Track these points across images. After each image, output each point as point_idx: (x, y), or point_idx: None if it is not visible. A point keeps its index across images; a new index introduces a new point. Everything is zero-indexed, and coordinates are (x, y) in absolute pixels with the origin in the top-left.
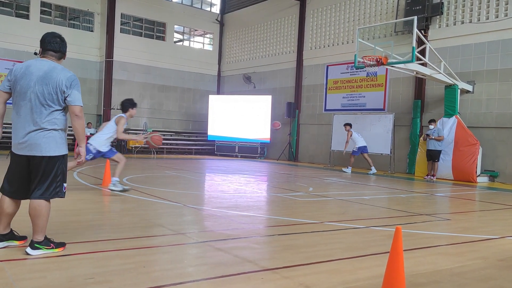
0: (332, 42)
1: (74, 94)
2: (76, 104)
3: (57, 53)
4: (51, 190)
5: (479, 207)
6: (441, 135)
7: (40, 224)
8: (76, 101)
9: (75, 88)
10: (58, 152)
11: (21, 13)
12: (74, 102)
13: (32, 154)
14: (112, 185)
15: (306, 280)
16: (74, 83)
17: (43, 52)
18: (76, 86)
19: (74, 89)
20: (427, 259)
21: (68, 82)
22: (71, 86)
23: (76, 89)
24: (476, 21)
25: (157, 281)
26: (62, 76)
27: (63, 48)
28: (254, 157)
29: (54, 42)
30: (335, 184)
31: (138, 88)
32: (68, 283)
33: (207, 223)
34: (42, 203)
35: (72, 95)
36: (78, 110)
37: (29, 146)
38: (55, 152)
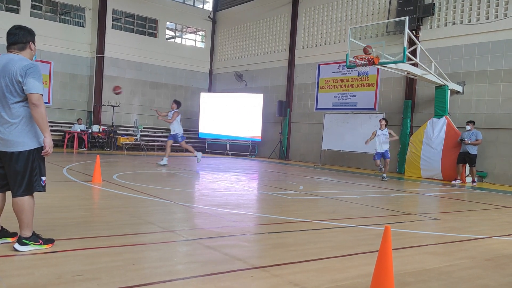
0: (324, 41)
1: (29, 82)
2: (32, 92)
3: (16, 45)
4: (29, 186)
5: (468, 207)
6: (479, 138)
7: (25, 219)
8: (32, 89)
9: (30, 76)
10: (28, 146)
11: (11, 7)
12: (30, 90)
13: (3, 150)
14: None
15: (296, 278)
16: (30, 71)
17: (7, 48)
18: (32, 74)
19: (29, 77)
20: (415, 258)
21: (23, 71)
22: (26, 74)
23: (32, 77)
24: (467, 22)
25: (146, 278)
26: (17, 66)
27: (20, 38)
28: (245, 155)
29: (11, 35)
30: (326, 183)
31: (129, 84)
32: (56, 280)
33: (197, 221)
34: (23, 198)
35: (27, 84)
36: (35, 98)
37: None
38: (25, 147)
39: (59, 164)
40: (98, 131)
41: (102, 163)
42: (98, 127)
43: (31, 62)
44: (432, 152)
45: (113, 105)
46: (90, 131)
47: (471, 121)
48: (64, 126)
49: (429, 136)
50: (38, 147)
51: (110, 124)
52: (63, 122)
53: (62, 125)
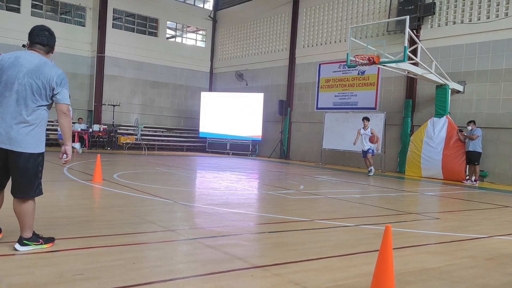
0: (324, 41)
1: (63, 92)
2: (65, 102)
3: (45, 47)
4: (34, 188)
5: (468, 206)
6: (476, 133)
7: (27, 221)
8: (65, 99)
9: (65, 86)
10: (38, 149)
11: (12, 6)
12: (63, 100)
13: (12, 149)
14: None
15: (296, 278)
16: (64, 81)
17: (31, 45)
18: (65, 84)
19: (64, 87)
20: (416, 257)
21: (59, 80)
22: (61, 83)
23: (66, 87)
24: (467, 21)
25: (146, 277)
26: (54, 73)
27: (51, 41)
28: (246, 155)
29: (42, 35)
30: (326, 182)
31: (129, 84)
32: (57, 279)
33: (198, 220)
34: (26, 201)
35: (61, 93)
36: (66, 109)
37: (10, 140)
38: (35, 149)
39: (60, 164)
40: (98, 130)
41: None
42: (99, 127)
43: (63, 72)
44: (432, 152)
45: (113, 104)
46: (91, 130)
47: (471, 121)
48: None
49: (430, 135)
50: (43, 152)
51: (110, 123)
52: None
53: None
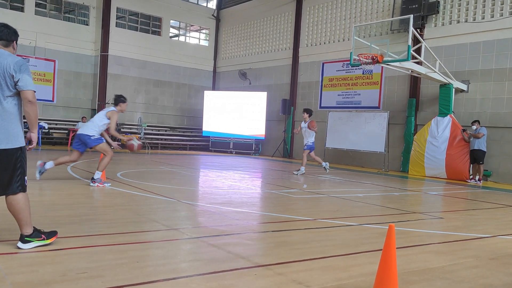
0: (328, 40)
1: (25, 79)
2: (29, 88)
3: (1, 41)
4: (11, 186)
5: (472, 206)
6: (481, 132)
7: (22, 217)
8: (28, 86)
9: (25, 72)
10: (13, 144)
11: (16, 5)
12: (26, 86)
13: None
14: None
15: (299, 277)
16: (24, 67)
17: None
18: (25, 70)
19: (24, 73)
20: (419, 257)
21: (17, 66)
22: (20, 70)
23: (27, 73)
24: (471, 20)
25: (150, 276)
26: (10, 60)
27: (8, 36)
28: (249, 154)
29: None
30: (329, 182)
31: (133, 82)
32: (60, 277)
33: (201, 219)
34: (16, 198)
35: (23, 80)
36: (31, 95)
37: None
38: (9, 145)
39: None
40: None
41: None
42: None
43: (21, 59)
44: (436, 151)
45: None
46: None
47: (476, 121)
48: (68, 124)
49: (434, 134)
50: (23, 146)
51: None
52: (67, 120)
53: (66, 123)
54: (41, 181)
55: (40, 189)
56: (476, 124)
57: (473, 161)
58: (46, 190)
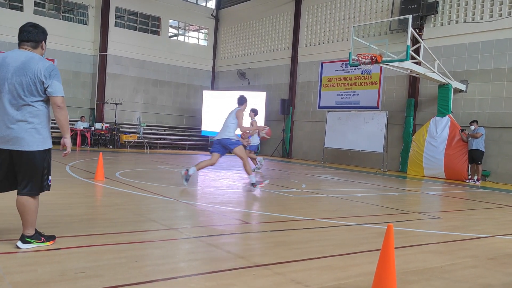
0: (327, 40)
1: (54, 85)
2: (58, 94)
3: (29, 42)
4: (38, 185)
5: (470, 206)
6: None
7: (29, 219)
8: (57, 92)
9: (55, 78)
10: (42, 146)
11: (14, 4)
12: (55, 92)
13: (16, 149)
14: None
15: (298, 276)
16: (54, 72)
17: (19, 43)
18: (56, 76)
19: (54, 79)
20: (418, 257)
21: (47, 72)
22: (50, 76)
23: (56, 79)
24: (470, 20)
25: (148, 276)
26: (41, 66)
27: (38, 37)
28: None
29: (26, 31)
30: (328, 181)
31: (132, 82)
32: (59, 277)
33: (200, 218)
34: (29, 199)
35: (52, 86)
36: (60, 101)
37: (12, 140)
38: (39, 147)
39: (62, 162)
40: (101, 128)
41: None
42: (101, 125)
43: (52, 63)
44: (435, 151)
45: (116, 102)
46: (93, 128)
47: (474, 121)
48: None
49: (432, 134)
50: (49, 148)
51: (113, 121)
52: None
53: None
54: None
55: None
56: (475, 124)
57: (471, 161)
58: None
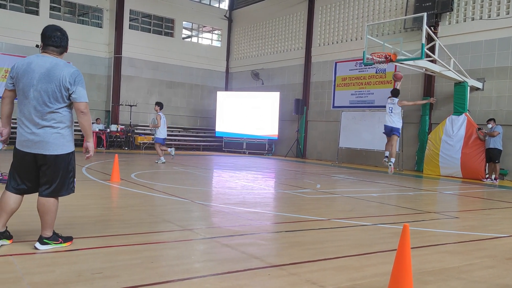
0: (340, 39)
1: (79, 91)
2: (82, 100)
3: (58, 48)
4: (64, 188)
5: (488, 205)
6: (496, 130)
7: (48, 220)
8: (81, 98)
9: (79, 84)
10: (66, 149)
11: (30, 9)
12: (79, 99)
13: (40, 153)
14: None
15: (313, 277)
16: (78, 79)
17: (44, 48)
18: (80, 82)
19: (78, 85)
20: (434, 257)
21: (72, 79)
22: (75, 82)
23: (81, 85)
24: (486, 17)
25: (164, 276)
26: (66, 73)
27: (64, 42)
28: (262, 154)
29: (55, 37)
30: (343, 181)
31: (146, 84)
32: (76, 278)
33: (215, 219)
34: (50, 200)
35: (77, 92)
36: (83, 107)
37: (37, 144)
38: (63, 150)
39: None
40: (116, 130)
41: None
42: (116, 127)
43: (77, 69)
44: (451, 150)
45: (130, 104)
46: (108, 130)
47: (491, 119)
48: None
49: (449, 133)
50: (72, 151)
51: (127, 123)
52: None
53: None
54: None
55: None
56: (492, 123)
57: (488, 160)
58: None
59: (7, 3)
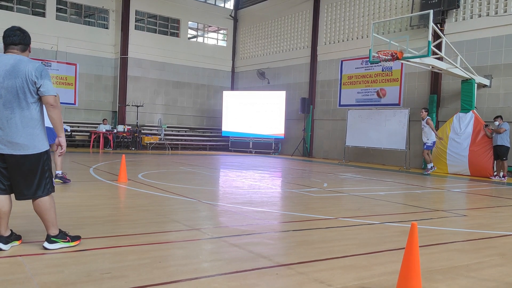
0: (346, 37)
1: (46, 84)
2: (50, 93)
3: (17, 45)
4: (42, 188)
5: (496, 203)
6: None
7: (49, 218)
8: (49, 91)
9: (46, 78)
10: (39, 148)
11: (37, 11)
12: (47, 92)
13: (11, 153)
14: None
15: (321, 276)
16: (44, 73)
17: (5, 47)
18: (46, 75)
19: (45, 79)
20: (443, 255)
21: (38, 72)
22: (41, 76)
23: (47, 78)
24: (493, 14)
25: (172, 276)
26: (31, 67)
27: (24, 40)
28: (269, 153)
29: (13, 35)
30: (350, 180)
31: (152, 84)
32: (85, 278)
33: (222, 218)
34: (42, 199)
35: (44, 85)
36: (52, 100)
37: (8, 144)
38: (35, 150)
39: (86, 164)
40: (123, 131)
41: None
42: (123, 127)
43: (41, 63)
44: (459, 148)
45: (137, 105)
46: (115, 131)
47: (498, 116)
48: (89, 127)
49: (456, 131)
50: (48, 149)
51: (134, 124)
52: (89, 122)
53: (87, 126)
54: (63, 184)
55: (63, 191)
56: (499, 120)
57: (496, 157)
58: (68, 192)
59: (14, 5)
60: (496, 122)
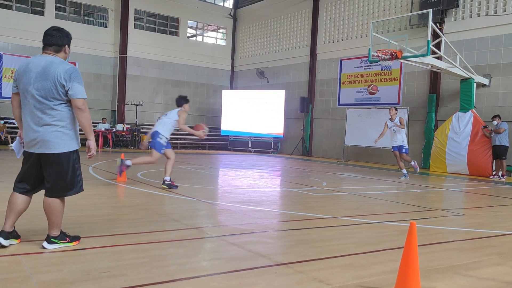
0: (346, 36)
1: (75, 87)
2: (79, 97)
3: (51, 47)
4: (73, 187)
5: (495, 202)
6: (502, 127)
7: (55, 220)
8: (78, 94)
9: (75, 80)
10: (68, 148)
11: (36, 9)
12: (76, 95)
13: (43, 152)
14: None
15: (320, 275)
16: (74, 75)
17: (43, 48)
18: (76, 78)
19: (74, 81)
20: (441, 254)
21: (67, 75)
22: (70, 78)
23: (77, 81)
24: (492, 13)
25: (171, 275)
26: (61, 69)
27: (60, 40)
28: (268, 152)
29: (48, 35)
30: (349, 179)
31: (152, 83)
32: (84, 276)
33: (221, 217)
34: (55, 201)
35: (73, 88)
36: (80, 103)
37: (39, 143)
38: (65, 148)
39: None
40: (122, 130)
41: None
42: (122, 126)
43: (73, 66)
44: (458, 147)
45: (136, 104)
46: (114, 130)
47: (496, 115)
48: None
49: (455, 130)
50: (78, 148)
51: (133, 122)
52: None
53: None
54: None
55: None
56: (497, 119)
57: (495, 156)
58: None
59: (13, 3)
60: (495, 121)
